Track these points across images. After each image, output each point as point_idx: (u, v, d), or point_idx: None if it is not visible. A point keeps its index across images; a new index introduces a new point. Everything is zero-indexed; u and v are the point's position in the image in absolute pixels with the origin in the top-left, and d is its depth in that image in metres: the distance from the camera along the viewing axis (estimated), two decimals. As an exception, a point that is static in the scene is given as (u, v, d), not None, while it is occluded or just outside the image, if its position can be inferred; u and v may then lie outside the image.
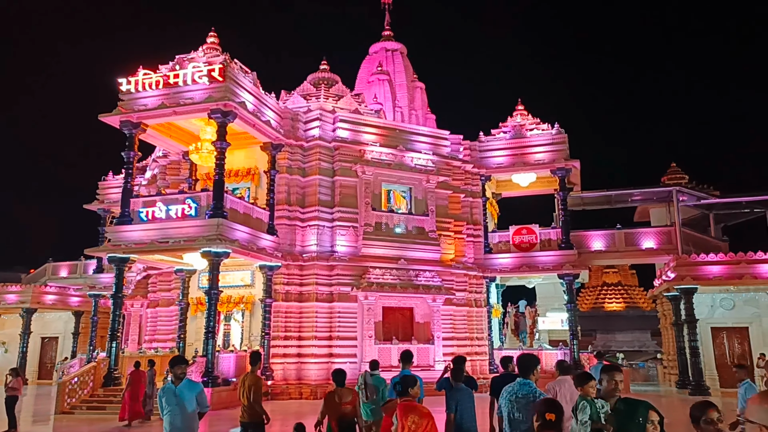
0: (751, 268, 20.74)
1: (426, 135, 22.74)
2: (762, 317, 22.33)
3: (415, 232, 21.25)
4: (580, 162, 23.70)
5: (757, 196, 23.33)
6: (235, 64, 18.52)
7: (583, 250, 23.65)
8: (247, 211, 18.51)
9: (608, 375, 4.49)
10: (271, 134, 19.52)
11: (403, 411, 4.83)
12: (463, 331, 21.85)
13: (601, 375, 4.57)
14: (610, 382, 4.49)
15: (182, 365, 6.17)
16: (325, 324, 19.64)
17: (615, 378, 4.47)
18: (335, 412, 6.92)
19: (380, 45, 29.30)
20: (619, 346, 31.83)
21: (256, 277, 19.93)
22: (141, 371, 14.65)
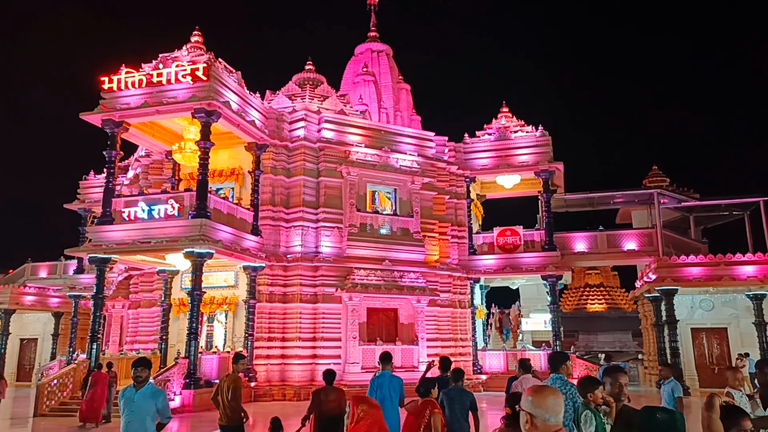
0: (730, 269, 21.11)
1: (411, 136, 22.80)
2: (740, 318, 22.71)
3: (399, 233, 21.28)
4: (563, 164, 23.93)
5: (736, 199, 23.75)
6: (220, 63, 18.39)
7: (566, 251, 23.87)
8: (231, 212, 18.39)
9: (612, 377, 4.16)
10: (255, 134, 19.42)
11: (355, 401, 5.11)
12: (447, 332, 21.92)
13: (603, 377, 4.25)
14: (615, 385, 4.13)
15: (143, 368, 5.76)
16: (309, 325, 19.58)
17: (620, 380, 4.13)
18: (319, 408, 7.12)
19: (366, 46, 29.31)
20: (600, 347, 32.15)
21: (240, 277, 19.80)
22: (103, 373, 14.51)
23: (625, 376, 4.19)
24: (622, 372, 4.22)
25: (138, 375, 5.68)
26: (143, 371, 5.67)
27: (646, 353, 27.29)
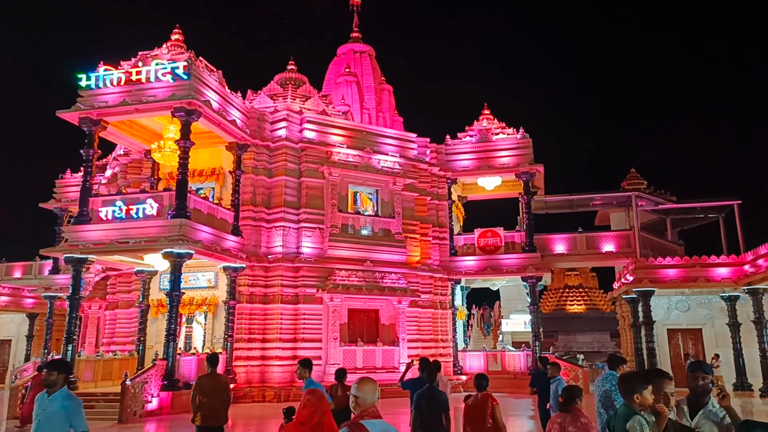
0: (705, 271, 21.52)
1: (393, 137, 22.83)
2: (714, 319, 23.16)
3: (381, 234, 21.30)
4: (543, 166, 24.17)
5: (711, 202, 24.21)
6: (201, 61, 18.23)
7: (546, 253, 24.11)
8: (211, 212, 18.24)
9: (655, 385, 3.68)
10: (236, 134, 19.28)
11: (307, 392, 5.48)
12: (428, 332, 21.99)
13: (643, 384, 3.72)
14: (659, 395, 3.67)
15: (52, 370, 5.05)
16: (289, 326, 19.50)
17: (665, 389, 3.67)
18: (334, 402, 7.42)
19: (348, 46, 29.29)
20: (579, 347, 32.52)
21: (220, 278, 19.64)
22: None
23: (671, 383, 3.79)
24: (668, 378, 3.84)
25: (46, 379, 5.02)
26: (51, 374, 5.00)
27: (623, 353, 27.67)
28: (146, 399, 15.26)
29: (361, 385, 3.69)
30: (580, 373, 22.39)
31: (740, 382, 20.81)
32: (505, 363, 22.69)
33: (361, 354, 19.72)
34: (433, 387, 6.79)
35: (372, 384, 3.70)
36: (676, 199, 26.09)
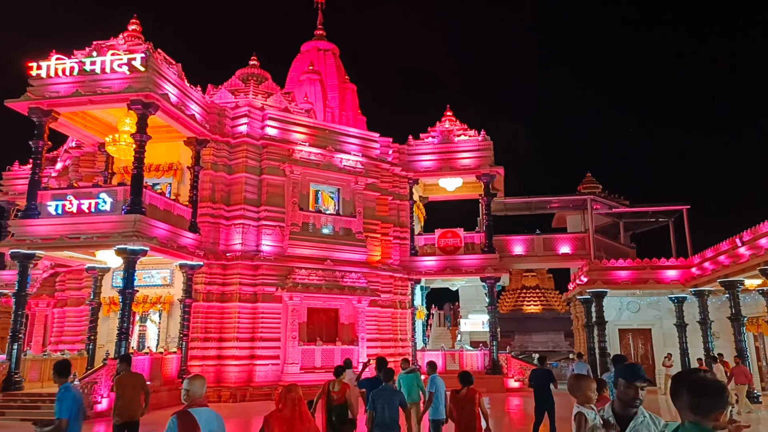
0: (655, 273, 22.29)
1: (356, 136, 22.78)
2: (663, 320, 24.01)
3: (342, 233, 21.23)
4: (504, 169, 24.56)
5: (661, 207, 25.08)
6: (159, 54, 17.77)
7: (504, 254, 24.51)
8: (168, 208, 17.80)
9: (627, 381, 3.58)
10: (195, 129, 18.89)
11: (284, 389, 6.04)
12: (388, 332, 22.04)
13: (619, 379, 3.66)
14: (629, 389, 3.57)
15: None
16: (247, 325, 19.22)
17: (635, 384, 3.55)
18: (329, 398, 7.97)
19: (312, 44, 29.09)
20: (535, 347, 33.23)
21: (176, 276, 19.20)
22: None
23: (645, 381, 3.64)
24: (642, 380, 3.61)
25: None
26: None
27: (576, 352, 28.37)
28: (95, 400, 14.78)
29: (192, 381, 4.36)
30: (536, 372, 22.82)
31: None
32: (463, 362, 22.94)
33: (320, 353, 19.62)
34: (389, 386, 6.81)
35: (201, 380, 4.42)
36: (629, 204, 26.93)
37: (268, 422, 5.89)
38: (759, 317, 21.17)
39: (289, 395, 5.76)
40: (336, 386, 8.24)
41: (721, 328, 22.24)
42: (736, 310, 18.87)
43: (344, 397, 8.13)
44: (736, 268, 17.53)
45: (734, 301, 18.90)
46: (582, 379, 4.35)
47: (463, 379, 7.24)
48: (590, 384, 4.23)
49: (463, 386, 7.15)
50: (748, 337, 20.92)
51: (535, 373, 11.28)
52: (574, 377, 4.54)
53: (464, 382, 7.18)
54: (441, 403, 8.20)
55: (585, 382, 4.25)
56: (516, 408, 17.80)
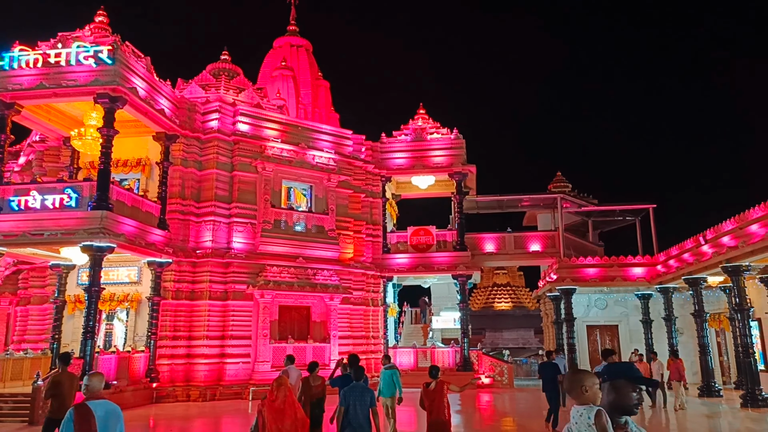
0: (622, 270, 22.79)
1: (329, 133, 22.68)
2: (629, 316, 24.57)
3: (314, 230, 21.12)
4: (476, 167, 24.76)
5: (629, 206, 25.63)
6: (127, 46, 17.36)
7: (476, 251, 24.74)
8: (136, 204, 17.45)
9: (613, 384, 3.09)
10: (165, 123, 18.55)
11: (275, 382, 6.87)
12: (360, 329, 22.03)
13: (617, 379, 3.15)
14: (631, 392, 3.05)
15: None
16: (217, 323, 18.98)
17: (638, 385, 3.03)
18: (309, 392, 8.51)
19: (285, 39, 28.85)
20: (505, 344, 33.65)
21: (144, 273, 18.85)
22: None
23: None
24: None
25: None
26: None
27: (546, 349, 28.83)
28: (60, 400, 14.41)
29: (91, 377, 4.76)
30: (506, 368, 23.15)
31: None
32: (434, 359, 23.08)
33: (292, 351, 19.47)
34: (361, 383, 6.81)
35: (99, 376, 4.82)
36: (597, 203, 27.45)
37: (261, 411, 6.78)
38: (720, 313, 21.83)
39: (280, 387, 6.66)
40: (317, 380, 8.83)
41: (684, 324, 22.86)
42: (699, 307, 19.40)
43: (324, 390, 8.85)
44: (700, 265, 18.02)
45: (697, 297, 19.43)
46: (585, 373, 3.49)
47: (433, 373, 7.96)
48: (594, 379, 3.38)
49: (433, 379, 7.79)
50: (710, 332, 21.56)
51: (543, 366, 12.79)
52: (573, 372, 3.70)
53: (433, 375, 7.87)
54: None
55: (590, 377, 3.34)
56: (486, 404, 17.99)
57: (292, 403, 6.68)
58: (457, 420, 14.76)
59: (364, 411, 6.53)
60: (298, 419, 6.64)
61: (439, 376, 7.89)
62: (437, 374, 7.92)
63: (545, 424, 12.11)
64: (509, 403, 18.10)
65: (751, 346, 16.36)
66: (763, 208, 14.05)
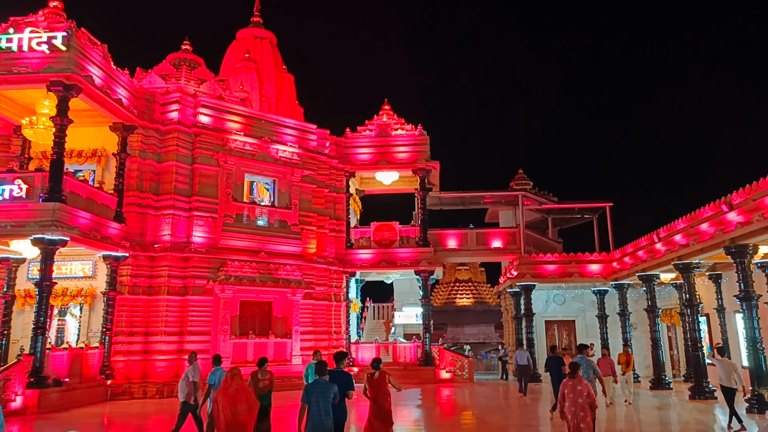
0: (580, 267, 23.39)
1: (292, 127, 22.46)
2: (586, 312, 25.24)
3: (277, 225, 20.91)
4: (439, 164, 24.95)
5: (586, 204, 26.27)
6: (83, 33, 16.76)
7: (438, 247, 24.95)
8: (91, 196, 16.93)
9: None
10: (122, 114, 18.04)
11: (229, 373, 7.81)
12: (322, 325, 21.95)
13: None
14: None
15: None
16: (176, 318, 18.61)
17: None
18: (256, 386, 8.91)
19: (249, 31, 28.36)
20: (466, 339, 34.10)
21: (99, 267, 18.33)
22: None
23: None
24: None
25: None
26: None
27: (506, 344, 29.35)
28: (9, 397, 13.89)
29: None
30: (466, 363, 23.46)
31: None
32: (396, 354, 23.23)
33: (253, 347, 19.29)
34: (323, 380, 6.79)
35: None
36: (557, 200, 28.03)
37: (216, 398, 7.68)
38: (672, 309, 22.64)
39: (234, 377, 7.71)
40: (264, 374, 9.30)
41: (638, 319, 23.62)
42: (652, 303, 20.07)
43: (271, 384, 9.37)
44: (653, 263, 18.64)
45: (650, 293, 20.09)
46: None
47: (375, 364, 8.52)
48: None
49: (375, 370, 8.37)
50: (662, 327, 22.34)
51: (549, 360, 13.77)
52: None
53: (375, 366, 8.44)
54: None
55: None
56: (447, 399, 18.19)
57: (244, 389, 7.70)
58: (417, 414, 14.89)
59: (326, 407, 6.50)
60: (249, 402, 7.64)
61: (380, 367, 8.38)
62: (379, 365, 8.42)
63: (550, 413, 13.17)
64: (469, 398, 18.35)
65: (699, 340, 17.02)
66: (713, 208, 14.59)
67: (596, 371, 11.48)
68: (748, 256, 13.79)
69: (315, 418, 6.45)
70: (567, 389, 7.94)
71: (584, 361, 11.16)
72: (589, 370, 11.16)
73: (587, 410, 7.71)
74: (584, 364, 10.95)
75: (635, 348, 22.89)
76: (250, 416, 7.75)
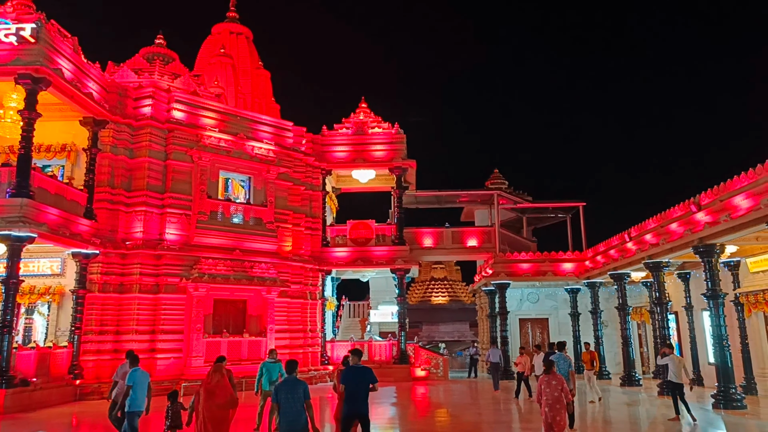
0: (553, 266, 23.70)
1: (269, 124, 22.27)
2: (559, 310, 25.60)
3: (252, 222, 20.73)
4: (416, 162, 25.01)
5: (560, 203, 26.64)
6: (53, 25, 16.36)
7: (414, 246, 25.04)
8: (60, 192, 16.55)
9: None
10: (93, 108, 17.66)
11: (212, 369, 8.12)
12: (297, 323, 21.84)
13: None
14: None
15: None
16: (148, 317, 18.31)
17: None
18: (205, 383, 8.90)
19: (224, 26, 28.05)
20: (441, 337, 34.27)
21: (68, 265, 17.95)
22: None
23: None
24: None
25: None
26: None
27: (480, 342, 29.61)
28: (-28, 399, 13.50)
29: None
30: (441, 361, 23.59)
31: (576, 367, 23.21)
32: (372, 352, 23.23)
33: (227, 345, 19.09)
34: (293, 377, 6.79)
35: None
36: (532, 200, 28.34)
37: (199, 392, 7.95)
38: (642, 307, 23.10)
39: (216, 372, 8.02)
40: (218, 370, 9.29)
41: (609, 317, 24.04)
42: (623, 301, 20.44)
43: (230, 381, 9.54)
44: (624, 261, 18.98)
45: (621, 292, 20.46)
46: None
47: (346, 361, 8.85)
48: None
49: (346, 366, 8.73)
50: (632, 325, 22.78)
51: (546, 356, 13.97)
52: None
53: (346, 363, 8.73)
54: (139, 396, 8.57)
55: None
56: (422, 396, 18.26)
57: (225, 386, 7.97)
58: (392, 412, 14.92)
59: (297, 404, 6.48)
60: (228, 397, 7.91)
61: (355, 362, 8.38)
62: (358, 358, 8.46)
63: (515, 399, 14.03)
64: (444, 395, 18.45)
65: (668, 337, 17.39)
66: (683, 208, 14.92)
67: (572, 367, 11.89)
68: (715, 255, 14.14)
69: (288, 416, 6.42)
70: (543, 384, 8.23)
71: (561, 358, 11.65)
72: (566, 366, 11.58)
73: (562, 403, 8.09)
74: (561, 361, 11.45)
75: (606, 345, 23.32)
76: (229, 411, 7.98)
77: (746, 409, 13.45)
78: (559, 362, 11.11)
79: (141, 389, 8.61)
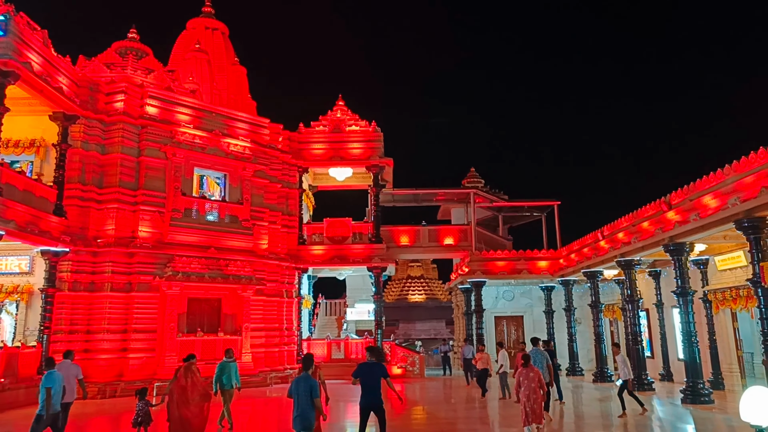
0: (528, 264, 23.99)
1: (245, 121, 22.05)
2: (534, 307, 25.90)
3: (228, 220, 20.51)
4: (393, 160, 25.03)
5: (535, 202, 26.94)
6: (21, 18, 15.93)
7: (391, 244, 25.06)
8: (29, 188, 16.14)
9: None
10: (63, 102, 17.26)
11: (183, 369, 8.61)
12: (273, 321, 21.69)
13: None
14: None
15: None
16: (120, 316, 17.98)
17: None
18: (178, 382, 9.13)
19: (199, 21, 27.62)
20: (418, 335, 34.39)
21: (37, 263, 17.53)
22: None
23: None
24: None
25: None
26: None
27: (456, 339, 29.80)
28: (-65, 402, 13.12)
29: None
30: (417, 358, 23.69)
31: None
32: (348, 351, 23.21)
33: (201, 344, 18.87)
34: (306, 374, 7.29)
35: None
36: (508, 198, 28.59)
37: (173, 390, 8.23)
38: (614, 304, 23.50)
39: (188, 370, 8.33)
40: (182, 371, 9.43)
41: (582, 314, 24.42)
42: (596, 298, 20.78)
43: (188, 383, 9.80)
44: (597, 259, 19.29)
45: (594, 289, 20.80)
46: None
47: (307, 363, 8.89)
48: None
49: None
50: (605, 322, 23.18)
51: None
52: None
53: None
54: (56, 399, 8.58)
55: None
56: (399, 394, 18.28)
57: (197, 383, 8.36)
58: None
59: (307, 399, 7.07)
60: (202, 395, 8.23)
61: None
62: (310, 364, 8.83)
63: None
64: (420, 393, 18.53)
65: (639, 334, 17.74)
66: (654, 207, 15.22)
67: (549, 361, 12.52)
68: (685, 253, 14.46)
69: (300, 408, 7.07)
70: (522, 377, 8.89)
71: (537, 352, 12.36)
72: (542, 360, 12.29)
73: (538, 391, 8.81)
74: (538, 356, 12.18)
75: (579, 342, 23.67)
76: (202, 409, 8.32)
77: (713, 404, 13.80)
78: (535, 357, 11.82)
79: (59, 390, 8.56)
